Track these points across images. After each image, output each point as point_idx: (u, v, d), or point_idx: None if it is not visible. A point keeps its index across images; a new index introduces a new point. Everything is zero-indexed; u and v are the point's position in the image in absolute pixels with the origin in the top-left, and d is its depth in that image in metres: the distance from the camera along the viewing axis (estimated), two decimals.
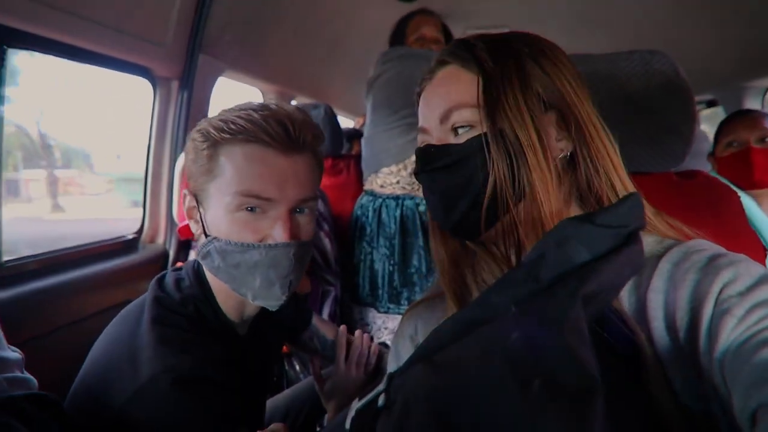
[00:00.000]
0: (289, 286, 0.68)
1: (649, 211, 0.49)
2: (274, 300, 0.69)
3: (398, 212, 1.54)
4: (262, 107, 0.67)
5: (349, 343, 0.99)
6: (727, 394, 0.34)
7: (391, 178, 1.56)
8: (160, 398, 0.59)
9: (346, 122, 3.53)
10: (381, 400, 0.31)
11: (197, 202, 0.69)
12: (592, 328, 0.26)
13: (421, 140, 0.56)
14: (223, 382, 0.65)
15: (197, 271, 0.74)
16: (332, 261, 1.64)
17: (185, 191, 0.71)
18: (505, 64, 0.50)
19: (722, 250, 0.44)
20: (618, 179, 0.49)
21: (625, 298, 0.44)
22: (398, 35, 1.75)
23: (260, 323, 0.80)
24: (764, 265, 0.63)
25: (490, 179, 0.48)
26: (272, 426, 0.50)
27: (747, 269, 0.39)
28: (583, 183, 0.50)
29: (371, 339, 1.02)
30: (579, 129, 0.49)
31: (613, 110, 0.50)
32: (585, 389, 0.22)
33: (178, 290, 0.72)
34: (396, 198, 1.56)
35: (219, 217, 0.66)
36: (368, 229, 1.59)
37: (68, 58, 1.12)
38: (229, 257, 0.66)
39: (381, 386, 0.32)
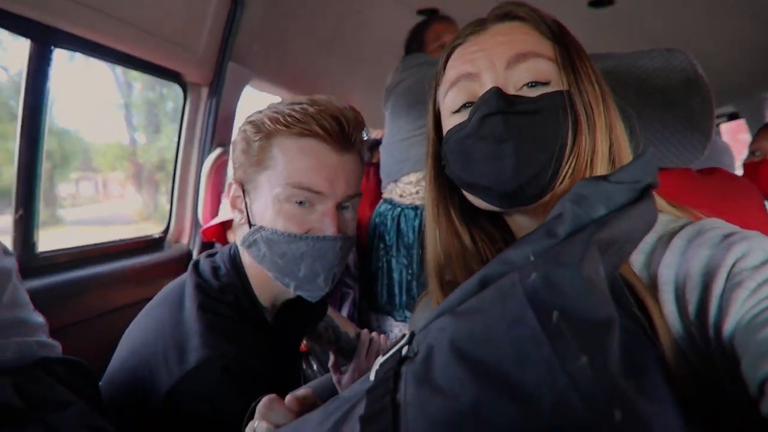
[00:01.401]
0: (333, 279, 0.70)
1: (662, 200, 0.50)
2: (316, 291, 0.70)
3: (417, 222, 1.54)
4: (314, 102, 0.68)
5: (370, 341, 1.00)
6: (736, 365, 0.34)
7: (410, 188, 1.57)
8: (209, 384, 0.60)
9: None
10: (404, 351, 0.32)
11: (243, 191, 0.71)
12: (610, 278, 0.27)
13: (466, 92, 0.51)
14: (259, 373, 0.66)
15: (234, 260, 0.75)
16: (351, 265, 1.66)
17: (231, 181, 0.73)
18: (569, 35, 0.51)
19: (736, 228, 0.43)
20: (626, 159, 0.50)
21: (638, 273, 0.44)
22: (416, 42, 1.73)
23: (285, 312, 0.82)
24: None
25: (570, 141, 0.46)
26: (301, 389, 0.52)
27: (760, 244, 0.38)
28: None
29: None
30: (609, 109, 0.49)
31: (634, 106, 0.51)
32: (602, 321, 0.23)
33: (215, 278, 0.73)
34: (415, 208, 1.55)
35: (267, 207, 0.67)
36: (387, 238, 1.60)
37: (107, 60, 1.19)
38: (276, 246, 0.67)
39: (403, 340, 0.34)
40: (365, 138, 0.72)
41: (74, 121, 1.48)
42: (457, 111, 0.52)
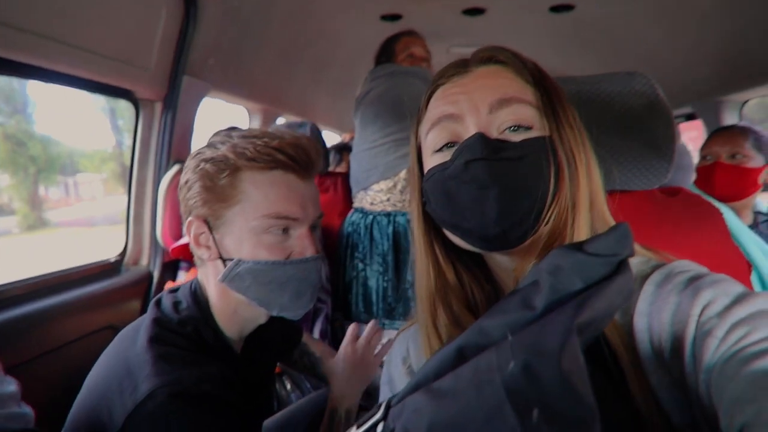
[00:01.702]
0: (313, 295, 0.75)
1: (636, 244, 0.50)
2: (301, 309, 0.74)
3: (390, 229, 1.54)
4: (270, 135, 0.71)
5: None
6: (713, 414, 0.34)
7: (381, 196, 1.57)
8: (160, 412, 0.60)
9: (333, 138, 3.55)
10: (380, 429, 0.30)
11: (209, 227, 0.71)
12: (585, 354, 0.26)
13: (449, 132, 0.51)
14: (222, 398, 0.65)
15: (195, 293, 0.76)
16: (323, 279, 1.63)
17: (191, 218, 0.72)
18: (550, 80, 0.51)
19: (703, 270, 0.44)
20: (600, 204, 0.50)
21: (617, 320, 0.44)
22: (387, 53, 1.76)
23: (253, 342, 0.82)
24: (749, 280, 0.64)
25: (552, 186, 0.46)
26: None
27: (725, 289, 0.39)
28: None
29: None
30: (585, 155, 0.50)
31: (597, 130, 0.51)
32: (583, 418, 0.22)
33: (176, 312, 0.74)
34: (387, 215, 1.56)
35: (242, 240, 0.69)
36: (360, 247, 1.58)
37: (51, 83, 1.11)
38: (261, 276, 0.70)
39: (378, 415, 0.32)
40: (320, 160, 0.76)
41: (59, 126, 1.43)
42: (439, 150, 0.52)
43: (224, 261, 0.71)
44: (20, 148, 1.70)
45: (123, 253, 1.49)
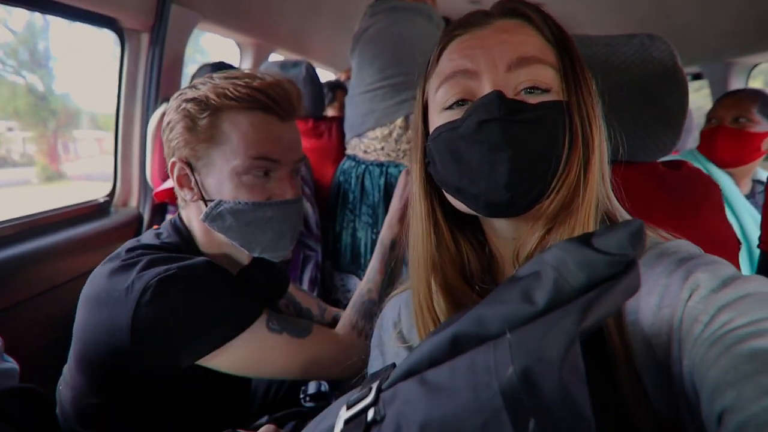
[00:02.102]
0: (294, 237, 0.76)
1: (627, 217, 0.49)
2: (281, 251, 0.75)
3: (382, 180, 1.50)
4: (252, 76, 0.71)
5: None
6: (696, 400, 0.35)
7: (375, 143, 1.51)
8: (161, 297, 0.63)
9: (329, 77, 3.39)
10: (371, 414, 0.30)
11: (191, 169, 0.71)
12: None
13: (461, 88, 0.48)
14: (218, 276, 0.69)
15: (176, 226, 0.77)
16: (313, 226, 1.62)
17: (174, 159, 0.72)
18: (571, 41, 0.48)
19: (695, 251, 0.44)
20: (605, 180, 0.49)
21: None
22: None
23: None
24: (737, 258, 0.64)
25: (566, 154, 0.45)
26: (264, 428, 0.51)
27: (714, 272, 0.39)
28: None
29: None
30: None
31: (610, 97, 0.49)
32: (579, 429, 0.22)
33: (156, 238, 0.75)
34: (380, 165, 1.51)
35: (224, 180, 0.70)
36: (351, 197, 1.56)
37: (27, 8, 1.02)
38: (242, 216, 0.70)
39: (369, 398, 0.32)
40: (302, 103, 0.76)
41: (75, 85, 1.42)
42: (449, 107, 0.48)
43: (206, 202, 0.71)
44: (42, 102, 1.75)
45: (111, 194, 1.46)
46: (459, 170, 0.47)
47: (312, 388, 1.01)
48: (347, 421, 0.32)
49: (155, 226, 1.48)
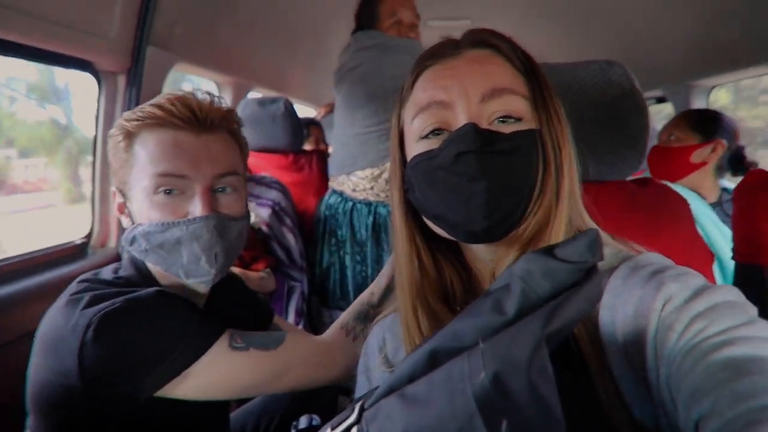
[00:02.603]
0: (215, 259, 0.70)
1: (605, 235, 0.51)
2: (204, 275, 0.70)
3: (371, 219, 1.51)
4: (171, 95, 0.70)
5: None
6: (673, 408, 0.35)
7: (365, 183, 1.51)
8: (104, 332, 0.60)
9: (308, 112, 3.46)
10: None
11: (124, 197, 0.72)
12: (552, 359, 0.26)
13: (437, 118, 0.49)
14: (167, 303, 0.67)
15: (133, 259, 0.75)
16: (297, 257, 1.62)
17: (113, 188, 0.73)
18: (539, 69, 0.50)
19: (667, 263, 0.45)
20: (577, 198, 0.51)
21: None
22: (369, 17, 1.58)
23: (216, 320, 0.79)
24: (711, 269, 0.67)
25: (540, 180, 0.47)
26: None
27: (687, 283, 0.40)
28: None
29: None
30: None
31: (572, 120, 0.52)
32: (550, 429, 0.23)
33: (113, 273, 0.74)
34: (368, 204, 1.51)
35: (141, 202, 0.68)
36: (338, 233, 1.55)
37: (2, 54, 1.03)
38: (153, 238, 0.68)
39: (353, 418, 0.32)
40: (228, 118, 0.73)
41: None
42: (425, 137, 0.50)
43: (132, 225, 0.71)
44: (65, 132, 1.99)
45: (89, 236, 1.43)
46: (438, 199, 0.49)
47: (303, 422, 0.99)
48: None
49: None
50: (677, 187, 1.36)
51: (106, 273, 0.74)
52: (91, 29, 1.17)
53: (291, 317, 1.52)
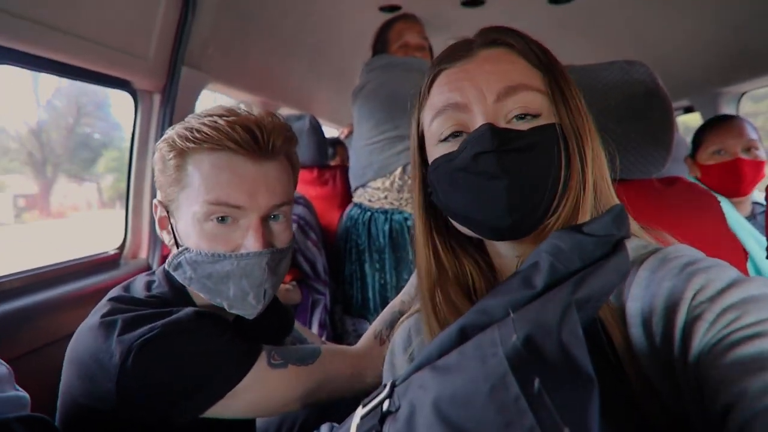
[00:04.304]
0: (263, 295, 0.68)
1: (634, 225, 0.51)
2: (249, 309, 0.68)
3: (387, 226, 1.55)
4: (228, 112, 0.66)
5: None
6: (700, 396, 0.35)
7: (378, 193, 1.58)
8: (144, 361, 0.59)
9: (331, 132, 3.54)
10: (386, 406, 0.31)
11: (168, 212, 0.69)
12: (584, 330, 0.26)
13: (454, 121, 0.49)
14: (204, 327, 0.65)
15: (167, 275, 0.72)
16: (321, 270, 1.64)
17: (155, 201, 0.71)
18: (556, 62, 0.50)
19: (699, 255, 0.44)
20: (606, 189, 0.50)
21: (611, 303, 0.44)
22: (381, 42, 1.72)
23: (240, 329, 0.79)
24: (745, 268, 0.65)
25: (563, 174, 0.46)
26: None
27: (718, 274, 0.39)
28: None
29: None
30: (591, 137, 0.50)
31: (596, 120, 0.52)
32: (582, 387, 0.22)
33: (146, 290, 0.71)
34: (385, 212, 1.57)
35: (189, 226, 0.65)
36: (358, 242, 1.60)
37: (46, 72, 1.10)
38: (200, 268, 0.65)
39: (384, 393, 0.33)
40: (289, 141, 0.70)
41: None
42: (444, 140, 0.51)
43: (178, 248, 0.68)
44: (122, 154, 2.11)
45: (122, 247, 1.48)
46: (461, 200, 0.49)
47: (324, 430, 0.98)
48: (364, 416, 0.32)
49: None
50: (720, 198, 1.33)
51: (138, 289, 0.72)
52: (131, 50, 1.25)
53: (314, 329, 1.54)
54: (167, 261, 0.69)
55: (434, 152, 0.52)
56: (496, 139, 0.45)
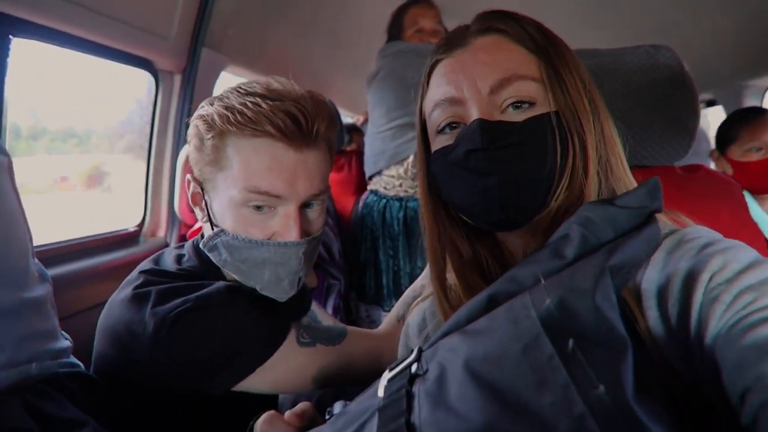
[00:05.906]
0: (298, 282, 0.69)
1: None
2: (282, 294, 0.69)
3: (402, 214, 1.55)
4: (271, 93, 0.63)
5: None
6: (717, 379, 0.34)
7: (393, 181, 1.58)
8: (178, 332, 0.60)
9: (346, 119, 3.52)
10: (413, 369, 0.32)
11: (202, 189, 0.68)
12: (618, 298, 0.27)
13: (451, 113, 0.50)
14: (236, 301, 0.66)
15: (197, 248, 0.73)
16: (336, 255, 1.65)
17: (189, 176, 0.70)
18: (555, 43, 0.50)
19: (717, 236, 0.44)
20: (620, 167, 0.50)
21: (629, 286, 0.44)
22: (396, 28, 1.69)
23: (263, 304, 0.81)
24: (766, 252, 0.65)
25: (560, 163, 0.46)
26: (300, 405, 0.52)
27: (736, 255, 0.39)
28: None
29: None
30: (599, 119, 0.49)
31: (619, 104, 0.51)
32: (617, 348, 0.23)
33: (176, 263, 0.72)
34: (400, 199, 1.57)
35: (225, 208, 0.65)
36: (373, 229, 1.60)
37: (71, 48, 1.12)
38: (237, 252, 0.65)
39: (411, 357, 0.34)
40: (331, 125, 0.67)
41: None
42: (442, 131, 0.52)
43: (213, 226, 0.68)
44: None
45: (141, 224, 1.51)
46: (457, 192, 0.51)
47: (338, 408, 1.00)
48: (391, 379, 0.33)
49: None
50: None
51: (169, 262, 0.72)
52: (154, 29, 1.26)
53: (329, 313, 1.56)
54: (203, 242, 0.69)
55: (435, 143, 0.53)
56: (487, 136, 0.46)
